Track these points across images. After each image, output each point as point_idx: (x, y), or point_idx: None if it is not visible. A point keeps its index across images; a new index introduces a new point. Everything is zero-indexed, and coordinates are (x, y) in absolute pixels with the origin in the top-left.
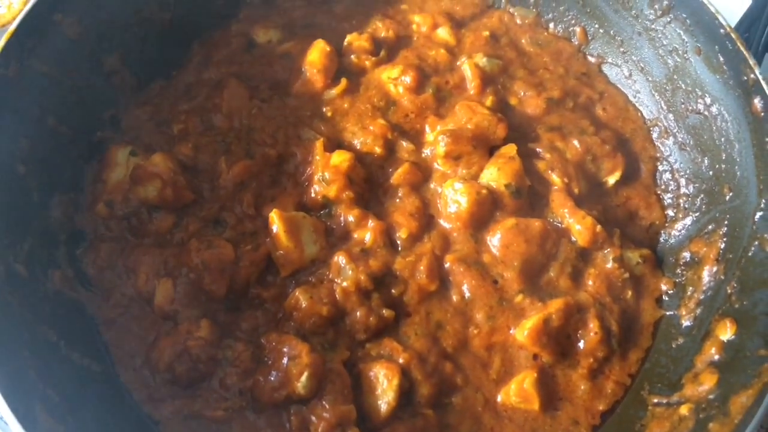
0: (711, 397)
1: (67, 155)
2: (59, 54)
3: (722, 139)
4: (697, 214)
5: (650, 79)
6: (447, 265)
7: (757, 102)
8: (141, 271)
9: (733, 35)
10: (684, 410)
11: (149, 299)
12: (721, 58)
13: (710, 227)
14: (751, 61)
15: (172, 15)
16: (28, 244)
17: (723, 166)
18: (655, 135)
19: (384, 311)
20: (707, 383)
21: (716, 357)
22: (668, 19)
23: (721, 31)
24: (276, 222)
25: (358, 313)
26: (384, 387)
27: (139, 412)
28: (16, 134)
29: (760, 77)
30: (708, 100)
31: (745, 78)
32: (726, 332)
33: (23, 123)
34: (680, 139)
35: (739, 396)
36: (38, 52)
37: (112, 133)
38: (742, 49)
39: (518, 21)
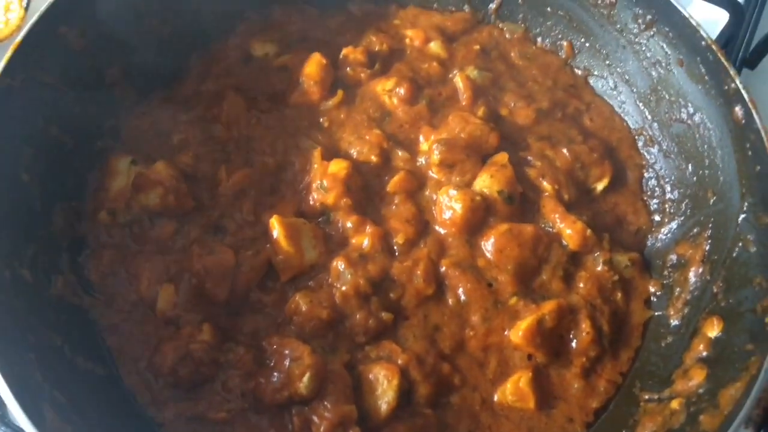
0: (701, 391)
1: (69, 164)
2: (63, 66)
3: (705, 146)
4: (682, 218)
5: (635, 90)
6: (443, 270)
7: (738, 110)
8: (143, 277)
9: (714, 47)
10: (675, 405)
11: (152, 304)
12: (703, 69)
13: (695, 230)
14: (732, 71)
15: (172, 29)
16: (32, 250)
17: (706, 171)
18: (640, 143)
19: (383, 314)
20: (697, 378)
21: (704, 353)
22: (651, 33)
23: (703, 43)
24: (276, 227)
25: (357, 317)
26: (384, 387)
27: (143, 415)
28: (20, 143)
29: (740, 86)
30: (691, 110)
31: (726, 87)
32: (713, 329)
33: (27, 132)
34: (665, 147)
35: (727, 389)
36: (43, 63)
37: (113, 143)
38: (722, 59)
39: (507, 35)
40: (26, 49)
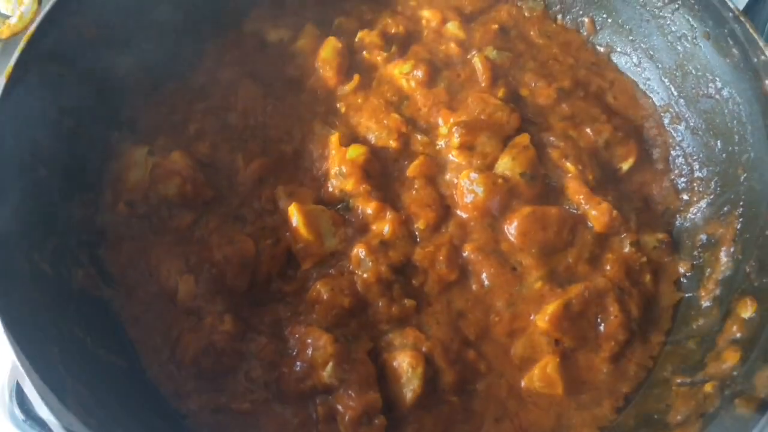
0: (735, 374)
1: (85, 156)
2: (75, 56)
3: (734, 122)
4: (711, 196)
5: (660, 66)
6: (466, 255)
7: None
8: (163, 268)
9: (742, 18)
10: (709, 388)
11: (172, 295)
12: (731, 42)
13: (726, 209)
14: (761, 43)
15: (185, 16)
16: (52, 243)
17: (736, 148)
18: (666, 121)
19: (405, 301)
20: (730, 361)
21: (738, 335)
22: (676, 6)
23: (730, 14)
24: (295, 215)
25: (379, 304)
26: (409, 375)
27: (167, 407)
28: (36, 136)
29: None
30: (719, 84)
31: (756, 60)
32: (747, 310)
33: (43, 125)
34: (692, 124)
35: (764, 371)
36: (55, 54)
37: (129, 134)
38: (751, 31)
39: (526, 14)
40: (39, 39)
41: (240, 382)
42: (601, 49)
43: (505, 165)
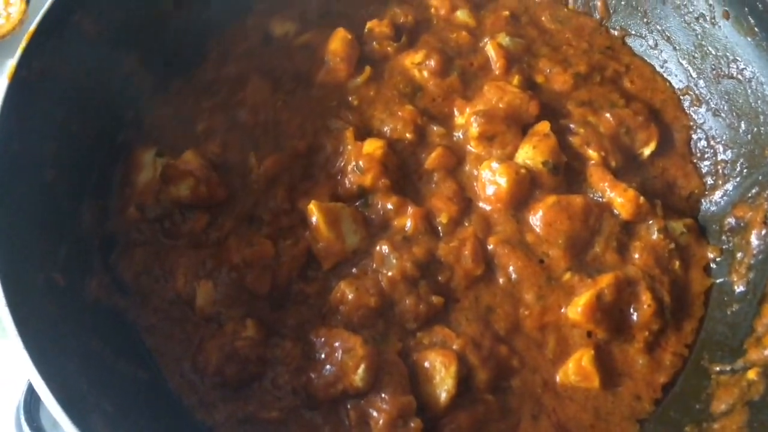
0: None
1: (92, 159)
2: (78, 55)
3: (758, 102)
4: (738, 179)
5: (677, 47)
6: (491, 248)
7: None
8: (179, 273)
9: None
10: (752, 375)
11: (190, 302)
12: (752, 20)
13: (754, 191)
14: None
15: (188, 11)
16: (63, 252)
17: (762, 128)
18: (686, 103)
19: (432, 298)
20: None
21: None
22: None
23: None
24: (315, 214)
25: (407, 302)
26: (442, 375)
27: (192, 419)
28: (42, 138)
29: None
30: (741, 64)
31: None
32: None
33: (48, 127)
34: (713, 106)
35: None
36: (58, 53)
37: (135, 135)
38: None
39: None
40: (40, 39)
41: (266, 389)
42: (615, 33)
43: (526, 154)
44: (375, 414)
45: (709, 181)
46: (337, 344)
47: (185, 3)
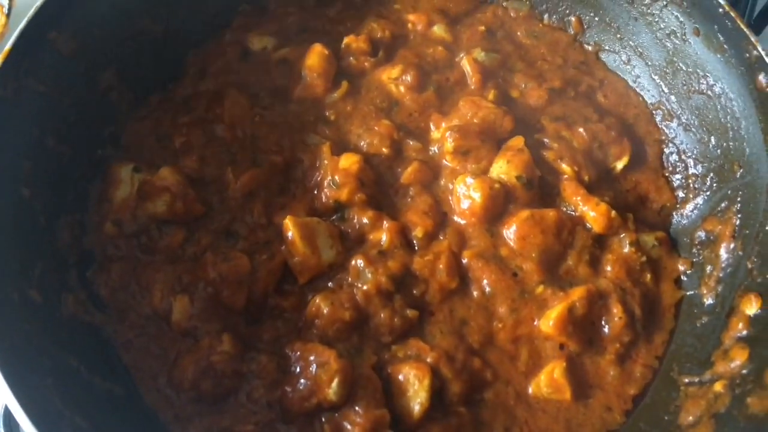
0: (744, 371)
1: (69, 176)
2: (55, 72)
3: (728, 117)
4: (708, 193)
5: (649, 63)
6: (465, 262)
7: (762, 78)
8: (155, 288)
9: (732, 14)
10: (718, 387)
11: (166, 317)
12: (721, 38)
13: (723, 205)
14: (753, 38)
15: (165, 27)
16: (39, 269)
17: (731, 144)
18: (658, 118)
19: (407, 312)
20: (739, 358)
21: (744, 332)
22: (664, 3)
23: (720, 10)
24: (291, 229)
25: (381, 316)
26: (416, 388)
27: None
28: (17, 156)
29: (762, 53)
30: (710, 80)
31: (748, 55)
32: (751, 307)
33: (24, 144)
34: (684, 121)
35: None
36: (34, 71)
37: (113, 151)
38: (742, 26)
39: (512, 14)
40: (16, 57)
41: (242, 403)
42: (590, 48)
43: (500, 169)
44: (349, 427)
45: (681, 194)
46: (311, 358)
47: (162, 19)
